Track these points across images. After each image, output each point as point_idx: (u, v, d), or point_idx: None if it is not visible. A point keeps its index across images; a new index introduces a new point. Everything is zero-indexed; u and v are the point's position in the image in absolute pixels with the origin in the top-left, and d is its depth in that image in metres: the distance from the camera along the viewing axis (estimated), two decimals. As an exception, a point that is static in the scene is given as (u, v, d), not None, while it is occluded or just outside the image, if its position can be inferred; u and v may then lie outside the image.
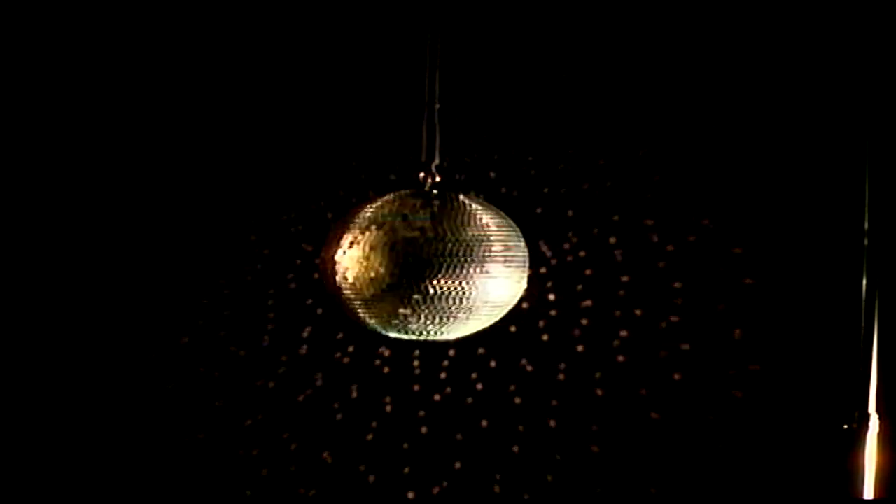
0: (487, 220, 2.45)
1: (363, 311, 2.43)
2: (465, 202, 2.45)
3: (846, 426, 3.00)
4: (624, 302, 3.36)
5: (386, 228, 2.40)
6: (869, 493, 2.98)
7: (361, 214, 2.45)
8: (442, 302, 2.39)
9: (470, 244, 2.40)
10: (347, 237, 2.43)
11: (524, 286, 2.52)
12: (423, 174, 2.50)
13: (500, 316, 2.51)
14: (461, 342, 3.19)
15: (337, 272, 2.43)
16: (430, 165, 2.50)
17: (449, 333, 2.46)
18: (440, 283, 2.38)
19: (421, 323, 2.41)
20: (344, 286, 2.42)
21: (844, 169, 3.20)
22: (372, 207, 2.45)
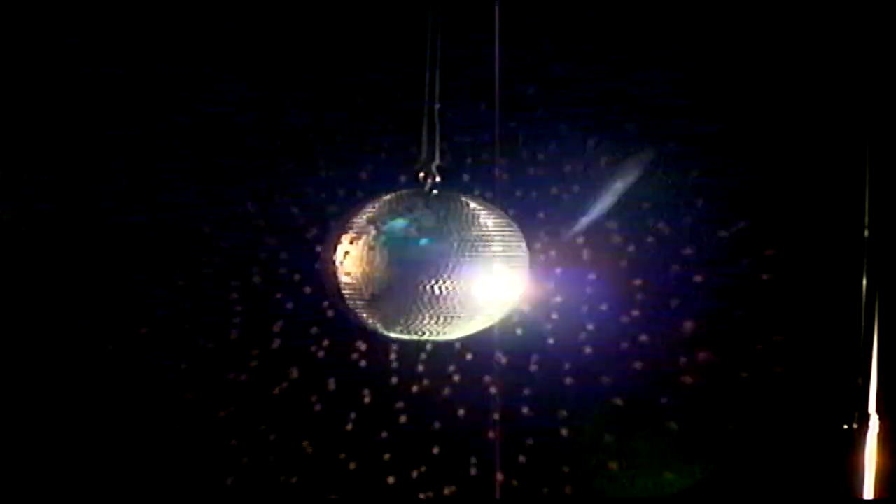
0: (488, 220, 2.45)
1: (365, 311, 2.43)
2: (465, 202, 2.45)
3: (846, 426, 3.01)
4: (620, 301, 3.36)
5: (386, 228, 2.40)
6: (869, 493, 2.98)
7: (361, 214, 2.45)
8: (443, 302, 2.39)
9: (470, 244, 2.40)
10: (348, 237, 2.43)
11: (524, 286, 2.52)
12: (423, 174, 2.50)
13: (500, 316, 2.52)
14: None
15: (338, 272, 2.43)
16: (430, 165, 2.50)
17: (451, 333, 2.46)
18: (441, 283, 2.38)
19: (423, 323, 2.41)
20: (345, 286, 2.42)
21: (844, 169, 3.20)
22: (372, 207, 2.45)
